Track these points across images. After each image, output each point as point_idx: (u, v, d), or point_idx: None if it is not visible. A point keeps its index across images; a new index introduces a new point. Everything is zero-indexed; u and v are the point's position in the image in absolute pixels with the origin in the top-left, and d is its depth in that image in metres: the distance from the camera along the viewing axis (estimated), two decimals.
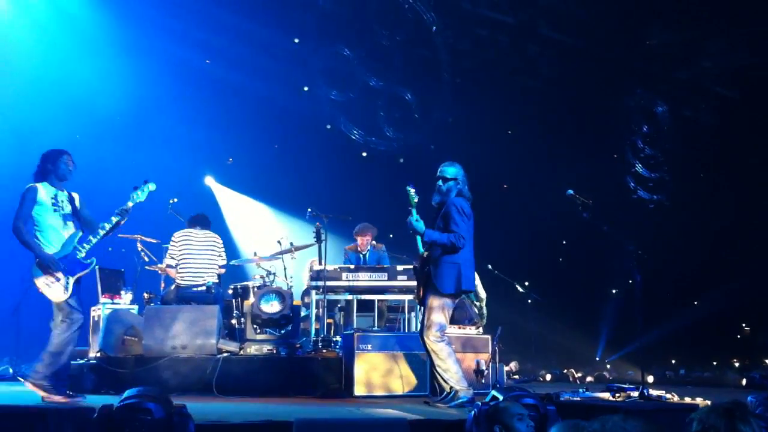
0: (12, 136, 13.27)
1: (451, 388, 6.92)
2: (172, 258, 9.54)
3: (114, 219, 7.02)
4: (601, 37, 15.24)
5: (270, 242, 11.31)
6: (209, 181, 15.28)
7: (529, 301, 12.80)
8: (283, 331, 9.53)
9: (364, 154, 16.41)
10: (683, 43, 15.21)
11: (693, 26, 14.76)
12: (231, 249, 11.40)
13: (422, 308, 7.26)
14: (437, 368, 7.02)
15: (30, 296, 11.09)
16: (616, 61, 15.72)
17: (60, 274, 6.70)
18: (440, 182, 7.29)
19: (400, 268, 9.67)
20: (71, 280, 6.79)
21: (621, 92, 16.31)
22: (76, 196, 7.20)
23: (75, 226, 7.06)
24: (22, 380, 10.58)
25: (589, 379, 13.41)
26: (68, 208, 7.04)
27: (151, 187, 7.35)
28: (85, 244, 6.96)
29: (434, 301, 7.05)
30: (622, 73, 15.96)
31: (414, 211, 7.06)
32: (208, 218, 9.94)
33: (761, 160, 14.59)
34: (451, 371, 6.96)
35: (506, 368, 10.47)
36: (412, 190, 7.04)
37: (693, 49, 15.26)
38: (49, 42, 13.68)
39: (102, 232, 6.99)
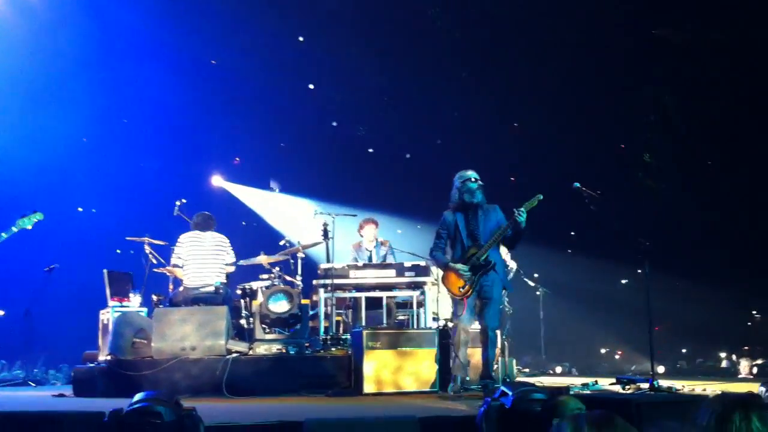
0: (20, 139, 13.35)
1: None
2: (180, 258, 9.55)
3: None
4: (609, 27, 15.17)
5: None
6: (217, 180, 15.18)
7: (538, 293, 12.79)
8: (291, 330, 9.54)
9: (371, 150, 16.42)
10: (692, 34, 15.13)
11: (702, 17, 14.68)
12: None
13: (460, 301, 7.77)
14: (491, 355, 7.81)
15: (40, 300, 11.22)
16: (625, 52, 15.65)
17: None
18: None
19: (407, 264, 9.67)
20: None
21: (629, 83, 16.25)
22: None
23: None
24: (33, 385, 10.70)
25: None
26: None
27: (39, 216, 7.55)
28: None
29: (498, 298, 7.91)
30: (631, 64, 15.89)
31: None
32: (213, 218, 9.89)
33: None
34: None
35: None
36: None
37: (702, 40, 15.18)
38: (53, 44, 13.71)
39: None
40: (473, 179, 7.87)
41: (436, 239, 8.01)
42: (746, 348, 14.68)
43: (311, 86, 15.94)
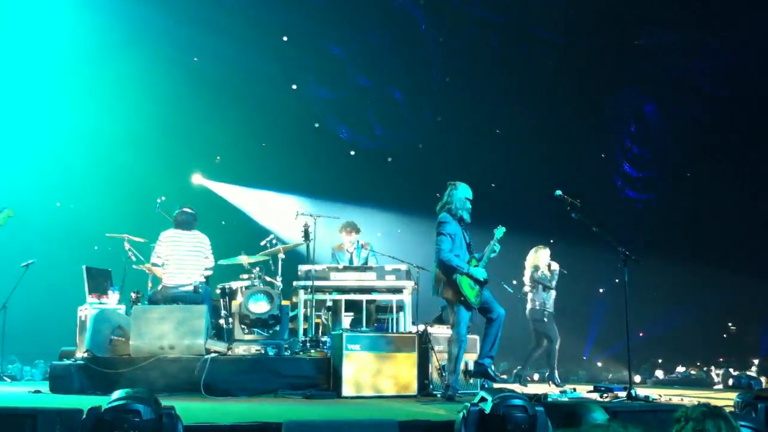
0: None
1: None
2: (159, 258, 9.46)
3: None
4: (590, 37, 15.27)
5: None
6: (197, 178, 15.03)
7: (519, 296, 12.78)
8: (271, 331, 9.51)
9: (353, 153, 16.41)
10: (672, 43, 15.25)
11: (682, 26, 14.80)
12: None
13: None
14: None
15: (17, 296, 11.11)
16: (605, 61, 15.75)
17: None
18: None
19: (388, 267, 9.66)
20: None
21: (610, 92, 16.35)
22: None
23: None
24: (8, 380, 10.60)
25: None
26: None
27: (9, 213, 7.45)
28: None
29: None
30: (611, 73, 15.98)
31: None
32: (195, 216, 9.77)
33: (750, 159, 14.66)
34: None
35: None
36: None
37: (682, 48, 15.31)
38: (32, 37, 13.63)
39: None
40: (471, 200, 8.01)
41: (449, 242, 7.77)
42: (722, 359, 14.80)
43: (294, 87, 15.91)
